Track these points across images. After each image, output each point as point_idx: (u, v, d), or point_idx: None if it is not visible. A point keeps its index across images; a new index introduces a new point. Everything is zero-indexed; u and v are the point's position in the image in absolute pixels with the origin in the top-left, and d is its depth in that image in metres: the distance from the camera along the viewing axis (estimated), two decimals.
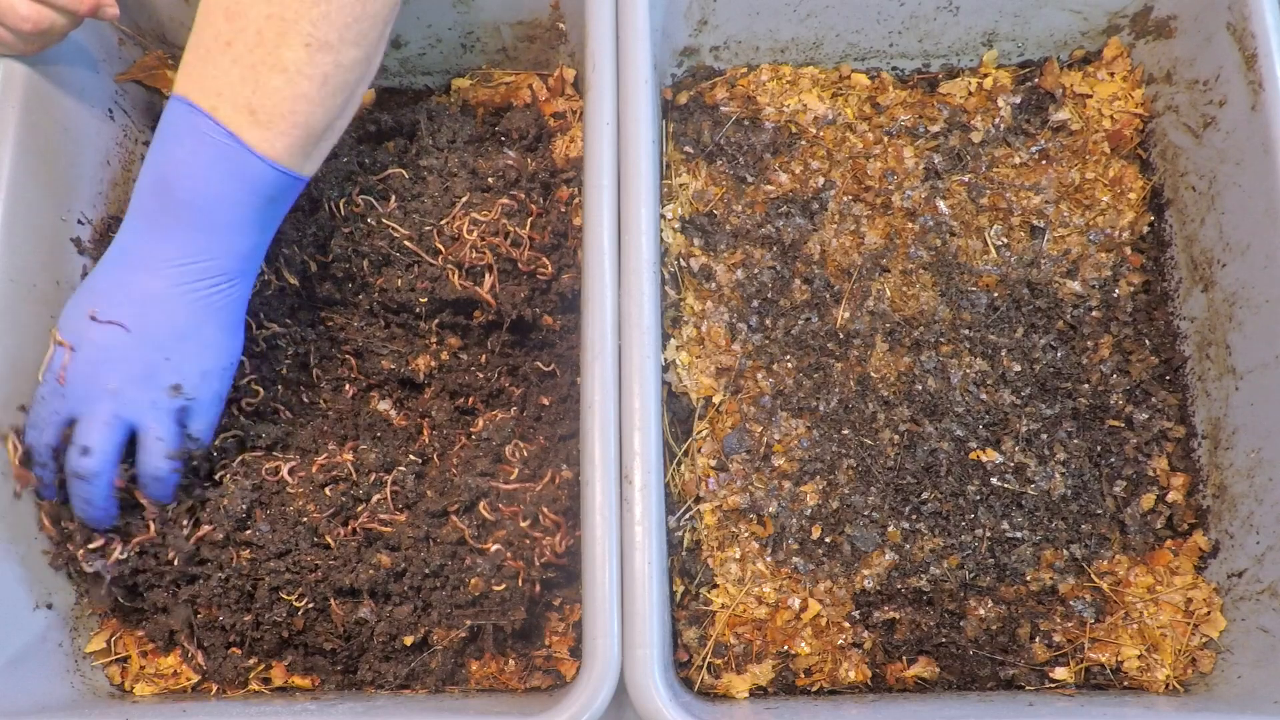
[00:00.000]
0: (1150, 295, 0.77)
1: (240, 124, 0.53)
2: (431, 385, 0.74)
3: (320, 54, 0.54)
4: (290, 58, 0.53)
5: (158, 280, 0.57)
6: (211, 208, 0.55)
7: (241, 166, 0.54)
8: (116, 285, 0.58)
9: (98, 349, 0.57)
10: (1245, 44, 0.69)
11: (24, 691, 0.63)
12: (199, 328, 0.58)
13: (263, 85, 0.53)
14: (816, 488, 0.71)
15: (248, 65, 0.53)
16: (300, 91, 0.54)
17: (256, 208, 0.57)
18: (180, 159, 0.54)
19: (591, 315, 0.64)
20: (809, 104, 0.82)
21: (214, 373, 0.60)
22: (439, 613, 0.64)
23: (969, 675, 0.68)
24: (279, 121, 0.54)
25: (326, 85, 0.55)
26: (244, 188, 0.55)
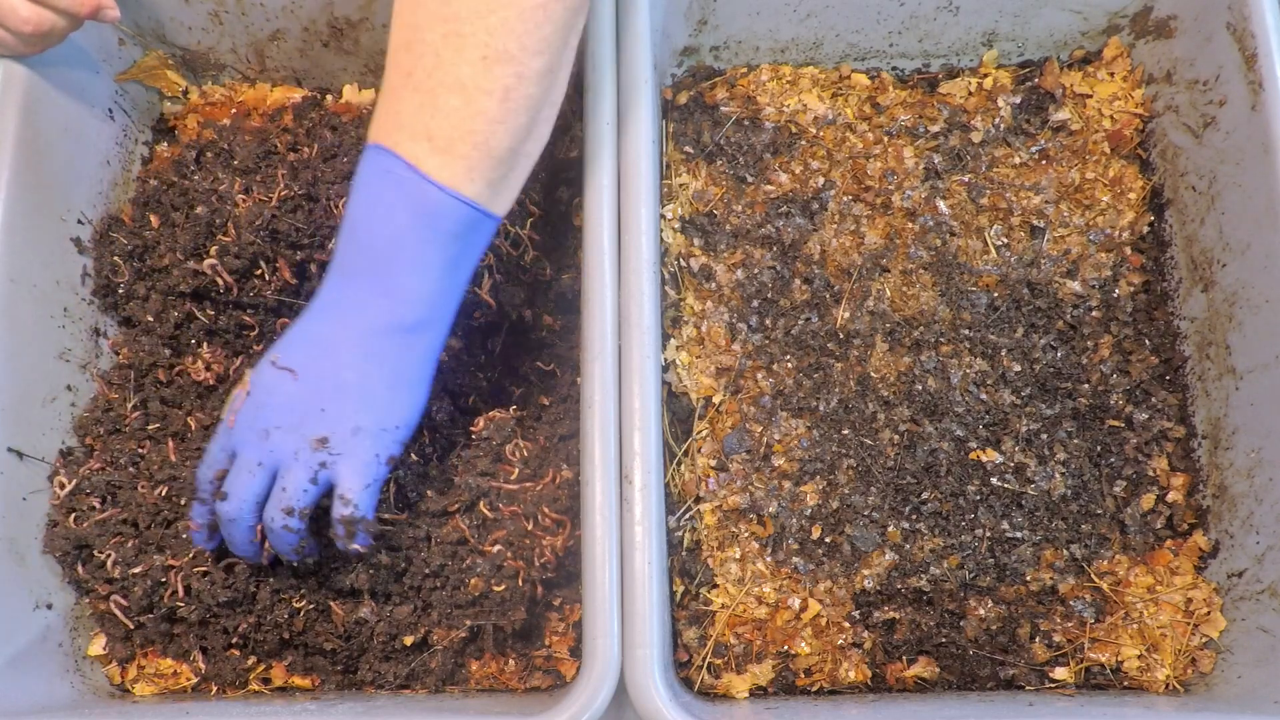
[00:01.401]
0: (1150, 295, 0.77)
1: (419, 153, 0.50)
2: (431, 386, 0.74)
3: (499, 66, 0.49)
4: (467, 73, 0.49)
5: (333, 327, 0.54)
6: (392, 249, 0.52)
7: (421, 199, 0.50)
8: (299, 332, 0.56)
9: (265, 393, 0.56)
10: (1245, 44, 0.69)
11: (24, 691, 0.63)
12: (364, 381, 0.54)
13: (440, 108, 0.49)
14: (816, 488, 0.71)
15: (426, 91, 0.50)
16: (479, 109, 0.50)
17: (439, 246, 0.52)
18: (363, 201, 0.52)
19: (591, 315, 0.64)
20: (809, 104, 0.82)
21: (369, 432, 0.55)
22: (439, 613, 0.64)
23: (969, 675, 0.68)
24: (457, 144, 0.50)
25: (508, 100, 0.50)
26: (424, 223, 0.51)
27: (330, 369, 0.54)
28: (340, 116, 0.80)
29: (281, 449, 0.55)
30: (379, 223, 0.52)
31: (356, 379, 0.55)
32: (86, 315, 0.74)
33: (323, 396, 0.54)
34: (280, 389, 0.55)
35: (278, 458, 0.55)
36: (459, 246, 0.54)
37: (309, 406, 0.55)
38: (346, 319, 0.54)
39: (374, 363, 0.54)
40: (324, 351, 0.55)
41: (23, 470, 0.66)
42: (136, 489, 0.67)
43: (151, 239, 0.75)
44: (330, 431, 0.55)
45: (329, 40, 0.80)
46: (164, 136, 0.84)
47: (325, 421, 0.55)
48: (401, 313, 0.54)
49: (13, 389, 0.66)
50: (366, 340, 0.54)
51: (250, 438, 0.56)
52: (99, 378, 0.74)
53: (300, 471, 0.55)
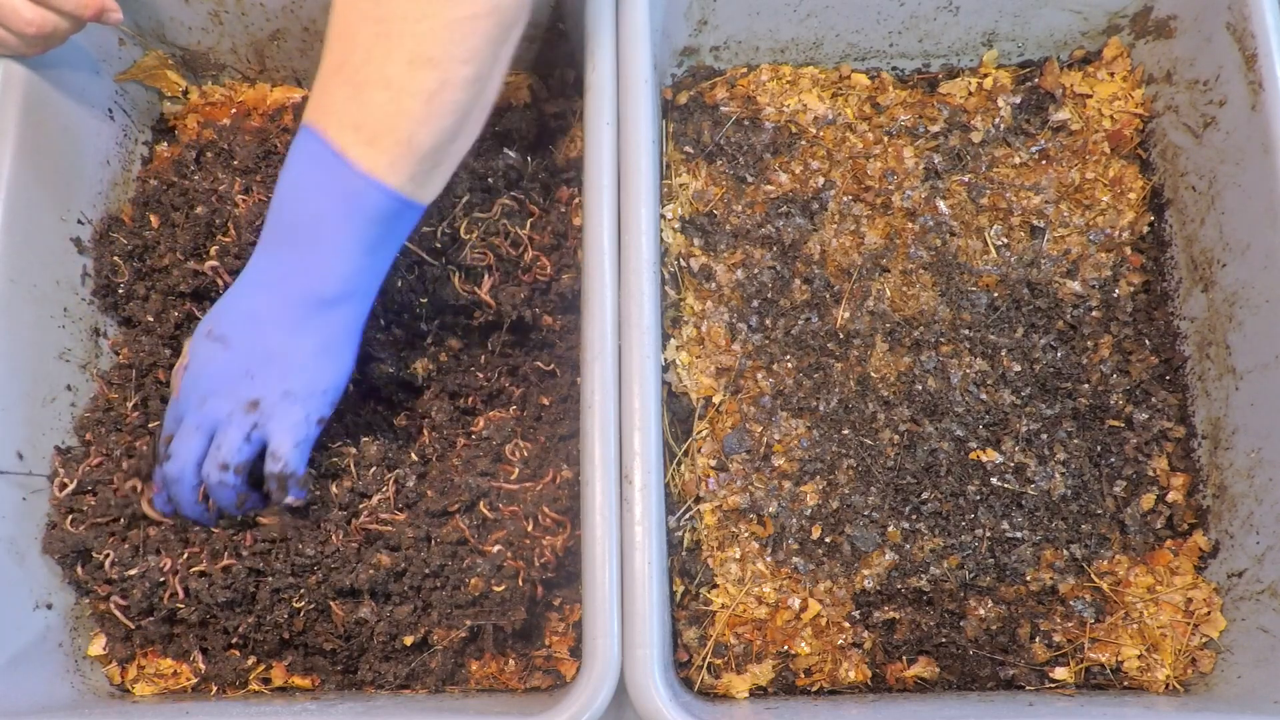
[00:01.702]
0: (1150, 295, 0.77)
1: (346, 141, 0.53)
2: (431, 386, 0.74)
3: (424, 70, 0.52)
4: (394, 73, 0.52)
5: (260, 299, 0.58)
6: (315, 226, 0.55)
7: (345, 184, 0.53)
8: (230, 303, 0.59)
9: (201, 362, 0.59)
10: (1245, 44, 0.69)
11: (24, 691, 0.63)
12: (288, 347, 0.58)
13: (368, 101, 0.52)
14: (816, 488, 0.71)
15: (355, 84, 0.52)
16: (403, 108, 0.52)
17: (359, 228, 0.55)
18: (290, 180, 0.55)
19: (591, 315, 0.64)
20: (809, 104, 0.82)
21: (298, 395, 0.59)
22: (439, 613, 0.64)
23: (969, 675, 0.68)
24: (382, 138, 0.53)
25: (432, 103, 0.53)
26: (346, 206, 0.54)
27: (258, 337, 0.58)
28: None
29: (217, 412, 0.59)
30: (303, 202, 0.55)
31: (283, 346, 0.58)
32: (86, 315, 0.74)
33: (252, 363, 0.58)
34: (214, 358, 0.59)
35: (214, 420, 0.59)
36: (380, 230, 0.56)
37: (240, 372, 0.58)
38: (272, 291, 0.57)
39: (299, 332, 0.58)
40: (252, 321, 0.58)
41: (23, 470, 0.66)
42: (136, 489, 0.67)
43: (151, 239, 0.75)
44: (261, 395, 0.59)
45: None
46: (164, 136, 0.84)
47: (255, 386, 0.59)
48: (321, 287, 0.57)
49: (13, 389, 0.66)
50: (291, 310, 0.57)
51: (191, 404, 0.60)
52: (99, 378, 0.74)
53: (234, 431, 0.59)
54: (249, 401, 0.59)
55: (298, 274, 0.57)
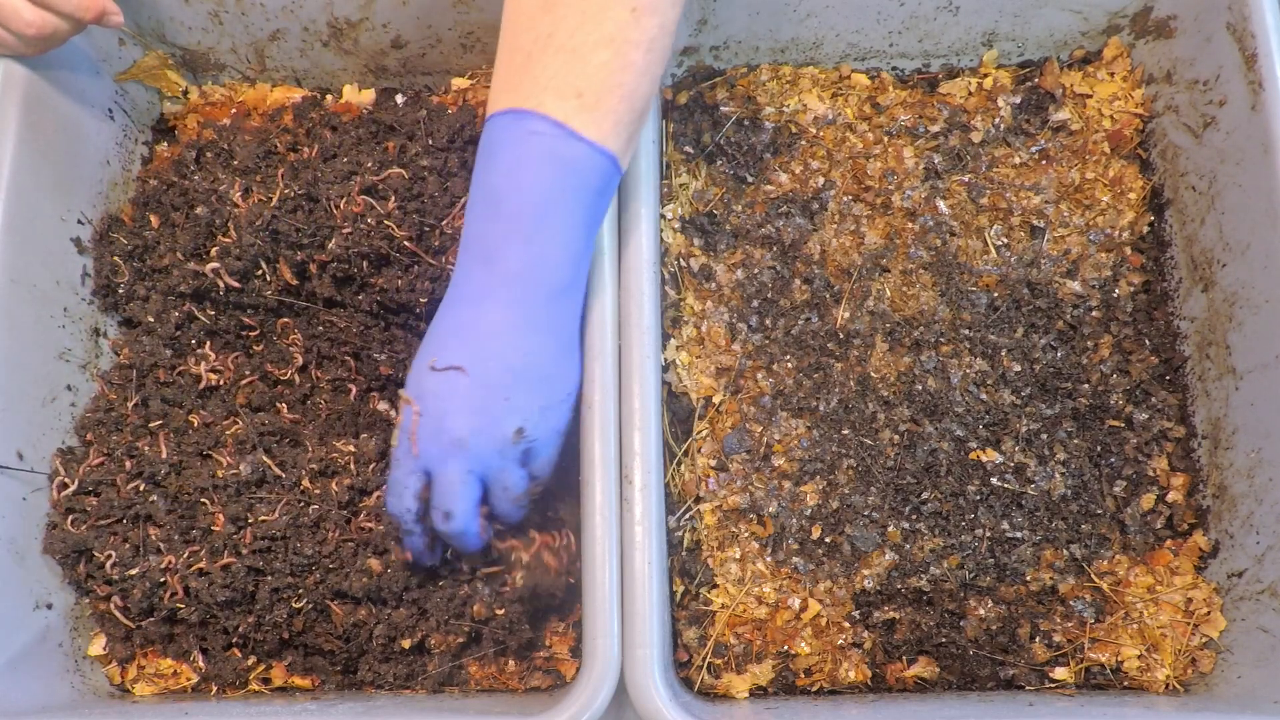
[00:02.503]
0: (1150, 295, 0.77)
1: (568, 111, 0.49)
2: None
3: (647, 16, 0.49)
4: (615, 27, 0.48)
5: (491, 310, 0.52)
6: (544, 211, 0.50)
7: (572, 157, 0.49)
8: (451, 326, 0.53)
9: (441, 400, 0.53)
10: (1245, 44, 0.69)
11: (24, 691, 0.63)
12: (537, 356, 0.53)
13: (589, 63, 0.48)
14: (816, 488, 0.71)
15: (571, 50, 0.48)
16: (628, 61, 0.49)
17: (587, 204, 0.51)
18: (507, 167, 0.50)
19: (591, 315, 0.64)
20: (809, 104, 0.82)
21: (553, 407, 0.55)
22: (436, 619, 0.64)
23: (969, 675, 0.68)
24: (607, 97, 0.49)
25: (652, 51, 0.50)
26: (575, 181, 0.50)
27: (499, 353, 0.52)
28: (340, 116, 0.80)
29: (484, 452, 0.53)
30: (527, 186, 0.50)
31: (529, 357, 0.53)
32: (86, 315, 0.74)
33: (504, 385, 0.52)
34: (455, 391, 0.52)
35: (484, 462, 0.53)
36: (600, 203, 0.53)
37: (494, 399, 0.52)
38: (503, 296, 0.51)
39: (540, 334, 0.53)
40: (488, 337, 0.52)
41: (23, 469, 0.66)
42: (138, 489, 0.67)
43: (151, 239, 0.75)
44: (524, 419, 0.53)
45: (329, 40, 0.80)
46: (164, 136, 0.84)
47: (515, 410, 0.53)
48: (555, 277, 0.52)
49: (13, 389, 0.66)
50: (528, 313, 0.52)
51: (445, 451, 0.53)
52: (99, 378, 0.74)
53: (513, 468, 0.54)
54: (515, 430, 0.53)
55: (528, 268, 0.51)
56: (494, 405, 0.52)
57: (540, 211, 0.50)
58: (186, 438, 0.70)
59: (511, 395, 0.52)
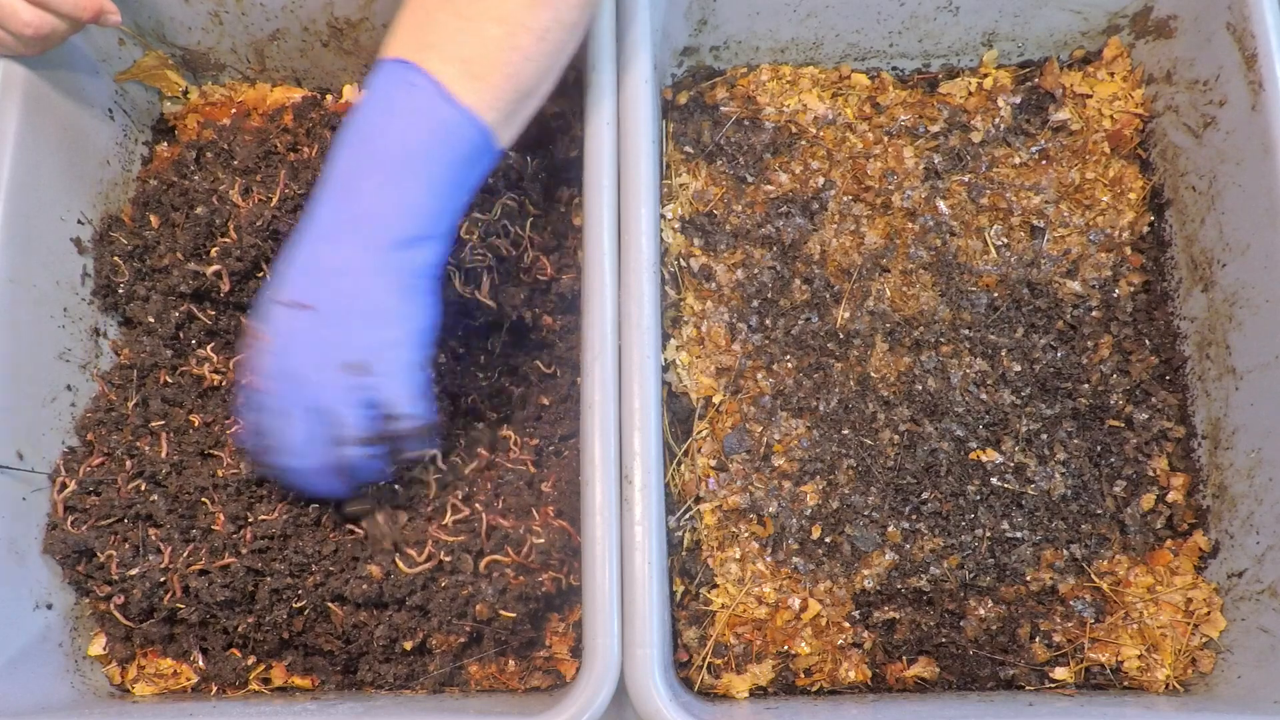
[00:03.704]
0: (1150, 295, 0.77)
1: (451, 75, 0.51)
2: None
3: (543, 8, 0.52)
4: (511, 8, 0.51)
5: (340, 248, 0.53)
6: (408, 161, 0.52)
7: (446, 119, 0.51)
8: (299, 258, 0.54)
9: (286, 336, 0.54)
10: (1245, 44, 0.69)
11: (24, 691, 0.63)
12: (384, 297, 0.54)
13: (480, 34, 0.51)
14: (816, 488, 0.71)
15: (467, 17, 0.51)
16: (518, 43, 0.52)
17: (453, 166, 0.53)
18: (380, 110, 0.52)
19: (591, 315, 0.64)
20: (809, 104, 0.82)
21: (402, 343, 0.56)
22: (438, 619, 0.64)
23: (969, 675, 0.68)
24: (491, 73, 0.51)
25: (544, 41, 0.52)
26: (445, 142, 0.52)
27: (348, 291, 0.53)
28: (340, 116, 0.80)
29: (327, 387, 0.54)
30: (396, 134, 0.51)
31: (376, 296, 0.54)
32: (86, 315, 0.74)
33: (348, 322, 0.54)
34: (301, 327, 0.54)
35: (326, 396, 0.54)
36: (465, 170, 0.54)
37: (337, 336, 0.54)
38: (353, 237, 0.53)
39: (389, 276, 0.54)
40: (333, 274, 0.53)
41: (23, 469, 0.66)
42: (138, 489, 0.67)
43: (151, 239, 0.75)
44: (366, 354, 0.54)
45: (329, 40, 0.80)
46: (164, 136, 0.84)
47: (353, 345, 0.54)
48: (407, 225, 0.53)
49: (13, 389, 0.66)
50: (379, 256, 0.53)
51: (288, 387, 0.55)
52: (99, 378, 0.74)
53: (353, 403, 0.55)
54: (354, 364, 0.54)
55: (385, 212, 0.53)
56: (333, 340, 0.54)
57: (403, 160, 0.51)
58: (187, 437, 0.70)
59: (352, 331, 0.54)
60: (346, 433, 0.55)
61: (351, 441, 0.55)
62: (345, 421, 0.55)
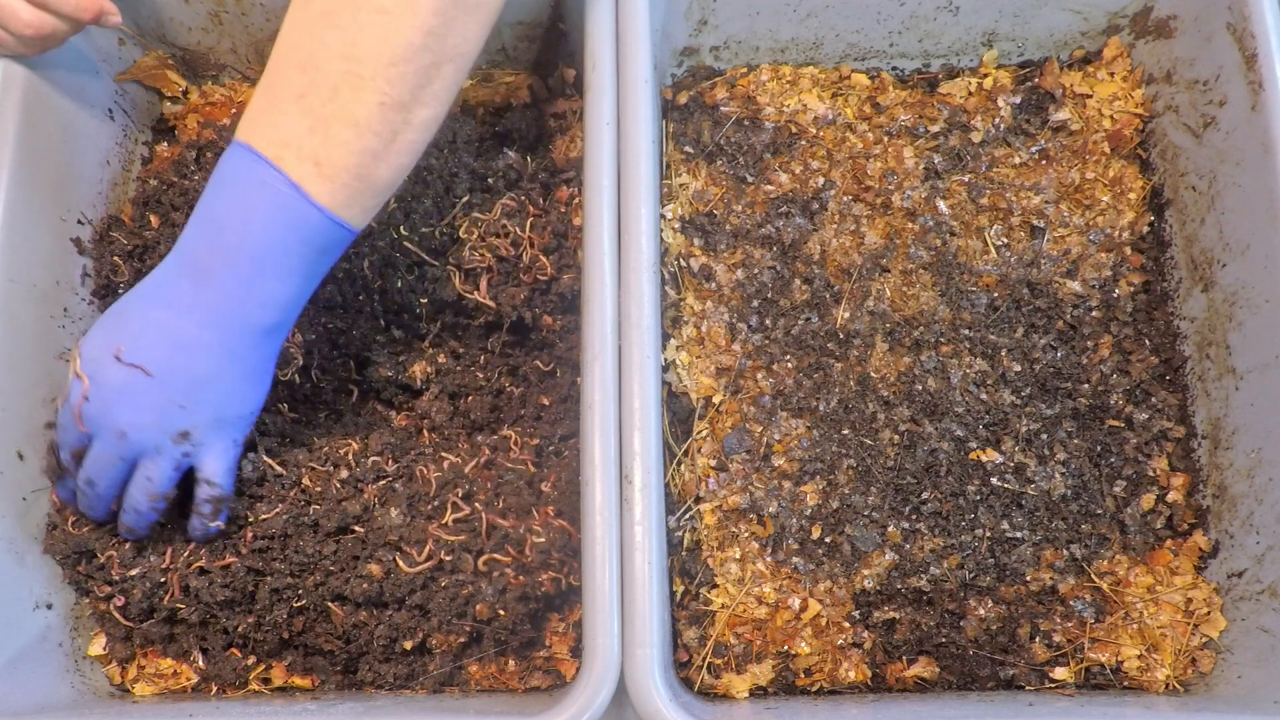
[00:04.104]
0: (1150, 295, 0.77)
1: (304, 174, 0.52)
2: (431, 387, 0.74)
3: (392, 112, 0.53)
4: (362, 113, 0.52)
5: (189, 325, 0.55)
6: (261, 255, 0.54)
7: (299, 216, 0.53)
8: (146, 325, 0.56)
9: (114, 391, 0.56)
10: (1245, 44, 0.69)
11: (24, 691, 0.63)
12: (221, 376, 0.57)
13: (332, 138, 0.52)
14: (816, 488, 0.71)
15: (319, 118, 0.52)
16: (367, 146, 0.53)
17: (306, 258, 0.55)
18: (236, 204, 0.53)
19: (591, 315, 0.64)
20: (809, 104, 0.82)
21: (229, 421, 0.59)
22: (439, 619, 0.64)
23: (969, 675, 0.68)
24: (343, 174, 0.53)
25: (394, 143, 0.54)
26: (298, 237, 0.54)
27: (187, 366, 0.56)
28: None
29: (142, 444, 0.57)
30: (253, 228, 0.53)
31: (216, 376, 0.56)
32: (86, 315, 0.74)
33: (182, 394, 0.56)
34: (132, 388, 0.56)
35: (139, 451, 0.57)
36: (322, 260, 0.57)
37: (167, 403, 0.56)
38: (204, 317, 0.55)
39: (233, 359, 0.57)
40: (182, 349, 0.55)
41: (23, 470, 0.66)
42: None
43: (151, 239, 0.75)
44: (191, 426, 0.57)
45: None
46: (164, 136, 0.84)
47: (186, 417, 0.57)
48: (265, 317, 0.56)
49: (13, 389, 0.66)
50: (225, 341, 0.56)
51: (107, 435, 0.57)
52: None
53: (164, 464, 0.58)
54: (179, 433, 0.57)
55: (239, 303, 0.55)
56: (166, 409, 0.56)
57: (260, 258, 0.54)
58: None
59: (187, 404, 0.56)
60: (152, 488, 0.58)
61: (151, 496, 0.59)
62: (155, 480, 0.58)
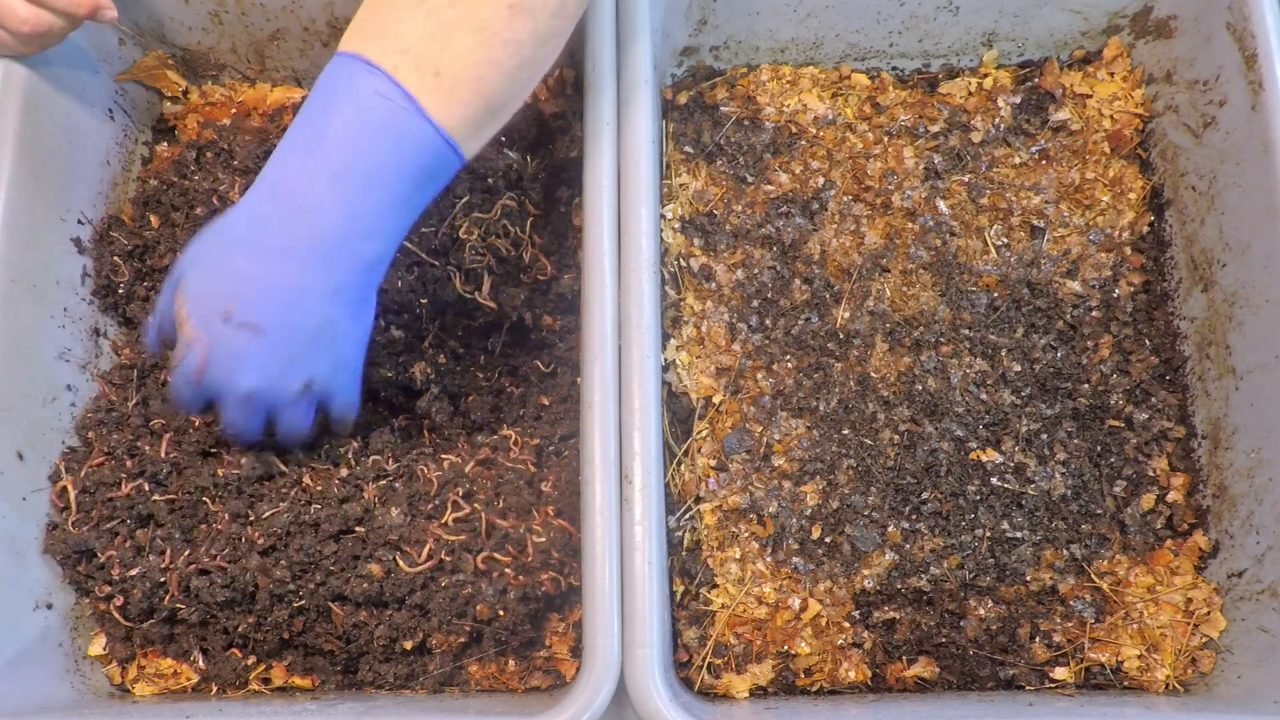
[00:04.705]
0: (1150, 295, 0.77)
1: (422, 86, 0.47)
2: (431, 387, 0.74)
3: (521, 18, 0.48)
4: (490, 17, 0.48)
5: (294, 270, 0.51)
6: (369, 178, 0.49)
7: (412, 134, 0.48)
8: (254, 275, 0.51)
9: (231, 356, 0.53)
10: (1245, 44, 0.69)
11: (24, 691, 0.63)
12: (334, 321, 0.53)
13: (454, 44, 0.47)
14: (816, 488, 0.71)
15: (440, 22, 0.47)
16: (493, 56, 0.48)
17: (414, 184, 0.51)
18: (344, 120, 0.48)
19: (591, 315, 0.64)
20: (809, 104, 0.82)
21: (344, 364, 0.57)
22: (439, 619, 0.64)
23: (969, 675, 0.68)
24: (463, 88, 0.48)
25: (519, 54, 0.49)
26: (408, 158, 0.49)
27: (300, 320, 0.52)
28: None
29: (271, 401, 0.56)
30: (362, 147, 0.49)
31: (328, 323, 0.53)
32: (86, 315, 0.74)
33: (299, 349, 0.53)
34: (248, 351, 0.53)
35: (269, 405, 0.56)
36: (429, 185, 0.53)
37: (286, 361, 0.54)
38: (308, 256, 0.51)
39: (343, 301, 0.53)
40: (291, 301, 0.52)
41: (23, 470, 0.66)
42: (139, 489, 0.67)
43: (151, 239, 0.75)
44: (312, 377, 0.55)
45: (329, 40, 0.80)
46: (164, 136, 0.84)
47: (305, 369, 0.55)
48: (368, 248, 0.52)
49: (13, 389, 0.66)
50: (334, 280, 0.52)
51: (232, 400, 0.55)
52: (99, 378, 0.74)
53: (297, 412, 0.58)
54: (303, 385, 0.55)
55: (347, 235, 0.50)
56: (285, 367, 0.54)
57: (369, 180, 0.49)
58: (187, 437, 0.70)
59: (305, 356, 0.53)
60: (294, 431, 0.58)
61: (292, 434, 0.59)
62: (293, 424, 0.58)
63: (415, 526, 0.64)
